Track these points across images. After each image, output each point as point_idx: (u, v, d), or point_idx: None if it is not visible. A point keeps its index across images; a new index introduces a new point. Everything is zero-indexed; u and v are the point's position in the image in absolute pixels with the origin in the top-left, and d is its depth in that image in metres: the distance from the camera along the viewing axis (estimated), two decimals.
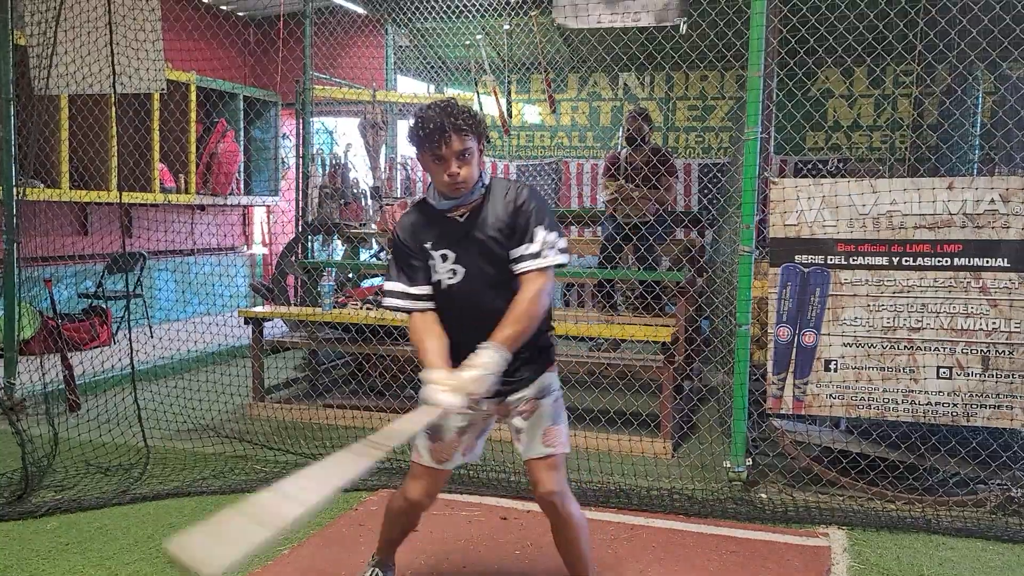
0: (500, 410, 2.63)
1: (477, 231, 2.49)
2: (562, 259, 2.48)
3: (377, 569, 2.85)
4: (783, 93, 4.48)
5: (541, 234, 2.45)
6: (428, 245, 2.53)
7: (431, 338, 2.48)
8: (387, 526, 2.80)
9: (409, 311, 2.55)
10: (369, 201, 6.92)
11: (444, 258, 2.51)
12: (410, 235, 2.56)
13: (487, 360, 2.32)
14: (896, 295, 3.83)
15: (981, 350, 3.75)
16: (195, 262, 8.36)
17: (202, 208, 8.57)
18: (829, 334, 3.92)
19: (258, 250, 9.77)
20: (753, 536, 3.53)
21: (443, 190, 2.48)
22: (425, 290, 2.54)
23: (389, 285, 2.58)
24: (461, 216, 2.51)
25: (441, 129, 2.37)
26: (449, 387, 2.30)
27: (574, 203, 9.21)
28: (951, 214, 3.76)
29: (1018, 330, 3.70)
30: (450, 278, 2.52)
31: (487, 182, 2.53)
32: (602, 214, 6.40)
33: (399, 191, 7.86)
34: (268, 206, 9.46)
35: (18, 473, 3.88)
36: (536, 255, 2.44)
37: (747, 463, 3.97)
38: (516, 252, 2.46)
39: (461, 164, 2.41)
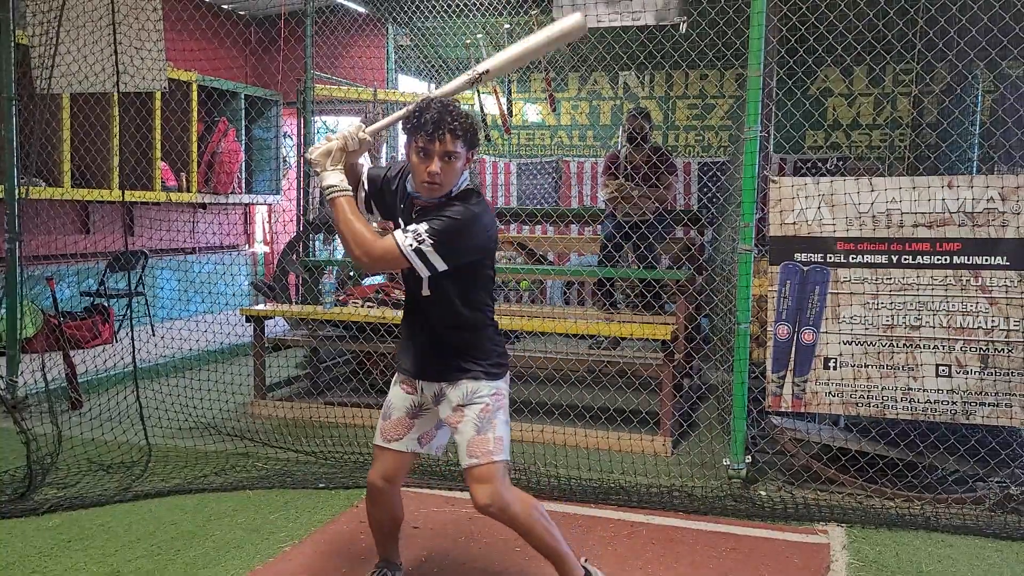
0: (437, 397, 2.62)
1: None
2: (415, 245, 2.37)
3: (386, 570, 2.86)
4: (783, 92, 4.49)
5: (422, 226, 2.39)
6: (399, 205, 2.59)
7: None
8: (368, 522, 2.83)
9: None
10: None
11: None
12: (393, 178, 2.63)
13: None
14: (895, 293, 3.84)
15: (980, 348, 3.75)
16: (197, 261, 8.37)
17: (204, 207, 8.57)
18: (828, 332, 3.93)
19: (259, 249, 9.79)
20: (752, 533, 3.54)
21: (418, 188, 2.48)
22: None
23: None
24: (416, 209, 2.52)
25: (438, 124, 2.36)
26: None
27: (574, 202, 9.22)
28: (950, 212, 3.77)
29: (1017, 328, 3.71)
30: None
31: (455, 192, 2.49)
32: (602, 213, 6.41)
33: None
34: (270, 205, 9.47)
35: (21, 470, 3.90)
36: (403, 231, 2.41)
37: (746, 461, 3.98)
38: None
39: (443, 165, 2.40)
